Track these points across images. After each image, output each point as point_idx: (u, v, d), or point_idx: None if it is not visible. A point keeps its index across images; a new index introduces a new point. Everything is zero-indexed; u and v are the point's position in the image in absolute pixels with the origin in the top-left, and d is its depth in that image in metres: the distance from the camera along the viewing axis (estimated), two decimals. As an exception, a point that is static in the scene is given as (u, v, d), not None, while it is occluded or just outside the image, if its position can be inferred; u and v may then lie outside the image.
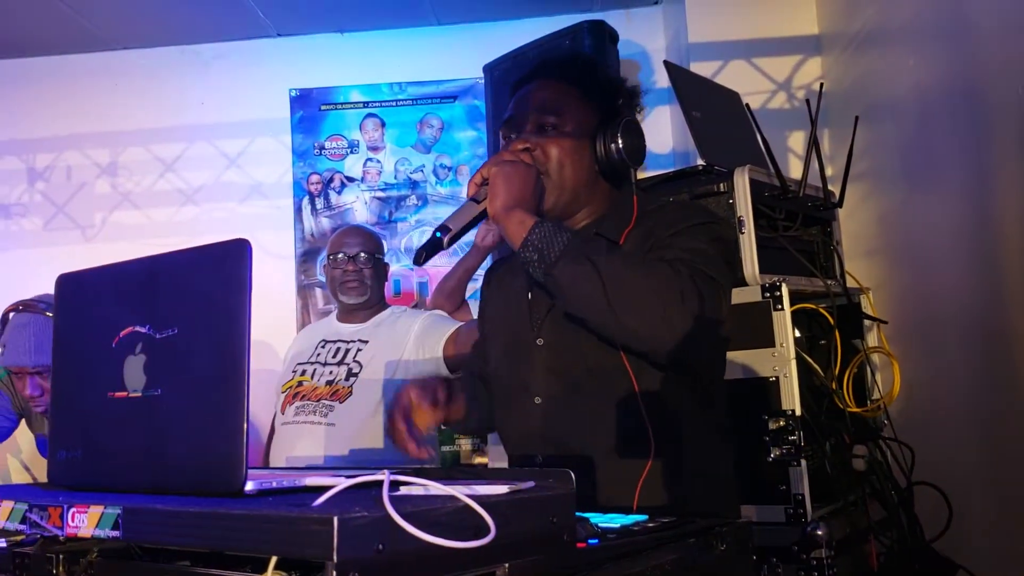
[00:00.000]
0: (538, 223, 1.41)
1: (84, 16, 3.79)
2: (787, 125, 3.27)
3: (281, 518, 0.72)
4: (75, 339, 1.07)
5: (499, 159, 1.49)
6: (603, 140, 1.56)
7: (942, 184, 2.34)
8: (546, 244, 1.39)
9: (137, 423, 0.96)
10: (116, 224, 4.13)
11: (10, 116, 4.19)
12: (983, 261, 2.12)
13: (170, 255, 0.98)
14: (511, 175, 1.45)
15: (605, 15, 3.61)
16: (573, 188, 1.56)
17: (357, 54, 4.07)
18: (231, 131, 4.10)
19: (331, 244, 2.77)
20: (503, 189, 1.44)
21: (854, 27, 2.98)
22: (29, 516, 0.92)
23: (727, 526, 1.13)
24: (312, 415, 2.54)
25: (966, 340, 2.23)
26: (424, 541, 0.72)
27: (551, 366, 1.56)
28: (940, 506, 1.97)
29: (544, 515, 0.88)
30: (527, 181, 1.46)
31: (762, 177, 2.03)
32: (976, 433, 2.18)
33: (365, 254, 2.70)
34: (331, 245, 2.76)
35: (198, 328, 0.92)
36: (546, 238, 1.39)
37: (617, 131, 1.55)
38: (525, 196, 1.45)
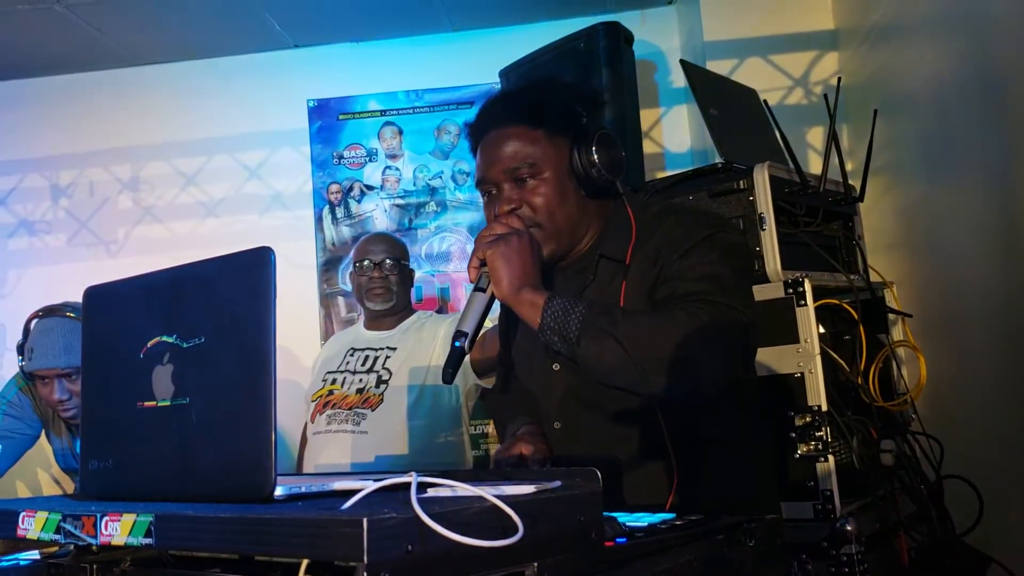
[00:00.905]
0: (549, 301, 1.40)
1: (105, 34, 3.84)
2: (805, 121, 3.26)
3: (311, 521, 0.73)
4: (104, 350, 1.09)
5: (491, 236, 1.46)
6: (581, 166, 1.52)
7: (963, 176, 2.33)
8: (562, 323, 1.38)
9: (166, 432, 0.98)
10: (139, 238, 4.17)
11: (34, 134, 4.24)
12: (1006, 252, 2.11)
13: (195, 265, 1.00)
14: (508, 254, 1.42)
15: (619, 16, 3.61)
16: (569, 228, 1.55)
17: (373, 63, 4.09)
18: (251, 143, 4.13)
19: (357, 251, 2.78)
20: (504, 271, 1.42)
21: (870, 21, 2.97)
22: (63, 526, 0.93)
23: (755, 522, 1.13)
24: (344, 423, 2.56)
25: (991, 331, 2.21)
26: (453, 541, 0.73)
27: (568, 390, 1.56)
28: (971, 499, 1.96)
29: (572, 514, 0.89)
30: (524, 253, 1.44)
31: (782, 173, 2.03)
32: (1005, 425, 2.16)
33: (391, 261, 2.70)
34: (357, 252, 2.77)
35: (224, 336, 0.93)
36: (561, 316, 1.38)
37: (591, 152, 1.52)
38: (528, 271, 1.43)
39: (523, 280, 1.42)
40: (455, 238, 3.96)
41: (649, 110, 3.77)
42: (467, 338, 1.42)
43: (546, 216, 1.52)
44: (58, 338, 2.36)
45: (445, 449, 2.60)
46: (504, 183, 1.53)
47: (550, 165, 1.52)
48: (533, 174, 1.52)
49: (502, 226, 1.47)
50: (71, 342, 2.36)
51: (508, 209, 1.51)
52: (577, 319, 1.37)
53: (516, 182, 1.53)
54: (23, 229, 4.23)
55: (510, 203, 1.52)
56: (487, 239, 1.46)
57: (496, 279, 1.43)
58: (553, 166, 1.53)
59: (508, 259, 1.42)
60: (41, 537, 0.96)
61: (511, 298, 1.42)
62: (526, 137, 1.53)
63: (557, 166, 1.53)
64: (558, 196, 1.52)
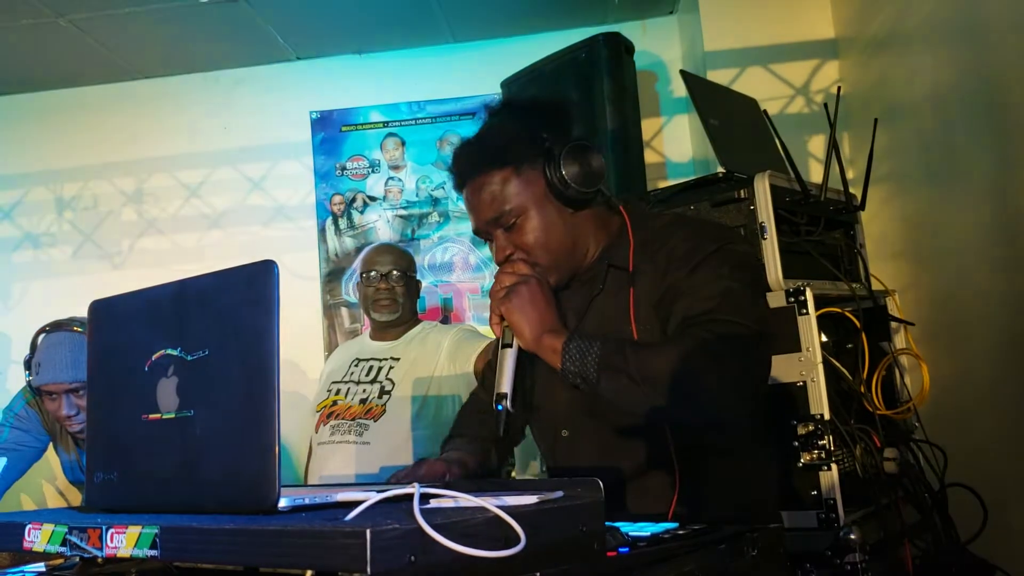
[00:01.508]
0: (567, 345, 1.43)
1: (108, 48, 3.86)
2: (806, 130, 3.27)
3: (315, 532, 0.73)
4: (109, 363, 1.10)
5: (502, 290, 1.51)
6: (556, 187, 1.53)
7: (964, 184, 2.33)
8: (581, 365, 1.42)
9: (171, 444, 0.98)
10: (143, 250, 4.18)
11: (38, 147, 4.27)
12: (1008, 260, 2.11)
13: (199, 278, 1.00)
14: (521, 305, 1.48)
15: (620, 27, 3.63)
16: (566, 253, 1.58)
17: (375, 75, 4.11)
18: (254, 155, 4.15)
19: (363, 262, 2.78)
20: (523, 324, 1.47)
21: (871, 30, 2.98)
22: (69, 538, 0.94)
23: (757, 532, 1.13)
24: (347, 434, 2.56)
25: (994, 339, 2.21)
26: (456, 552, 0.73)
27: (574, 398, 1.56)
28: (974, 508, 1.95)
29: (573, 524, 0.89)
30: (536, 299, 1.49)
31: (783, 182, 2.03)
32: (1008, 433, 2.16)
33: (397, 272, 2.71)
34: (363, 263, 2.77)
35: (228, 349, 0.94)
36: (579, 359, 1.42)
37: (560, 171, 1.51)
38: (543, 316, 1.48)
39: (541, 327, 1.47)
40: (458, 248, 3.97)
41: (650, 120, 3.78)
42: (507, 398, 1.47)
43: (540, 252, 1.55)
44: (65, 353, 2.37)
45: (449, 460, 2.60)
46: (493, 231, 1.57)
47: (528, 200, 1.54)
48: (515, 215, 1.54)
49: (509, 276, 1.52)
50: (78, 357, 2.37)
51: (504, 257, 1.56)
52: (594, 360, 1.41)
53: (503, 228, 1.55)
54: (28, 242, 4.25)
55: (503, 251, 1.56)
56: (499, 294, 1.51)
57: (518, 332, 1.49)
58: (531, 201, 1.54)
59: (523, 310, 1.47)
60: (47, 549, 0.96)
61: (534, 348, 1.48)
62: (496, 181, 1.54)
63: (535, 199, 1.54)
64: (544, 229, 1.55)
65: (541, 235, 1.54)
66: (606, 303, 1.57)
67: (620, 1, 3.70)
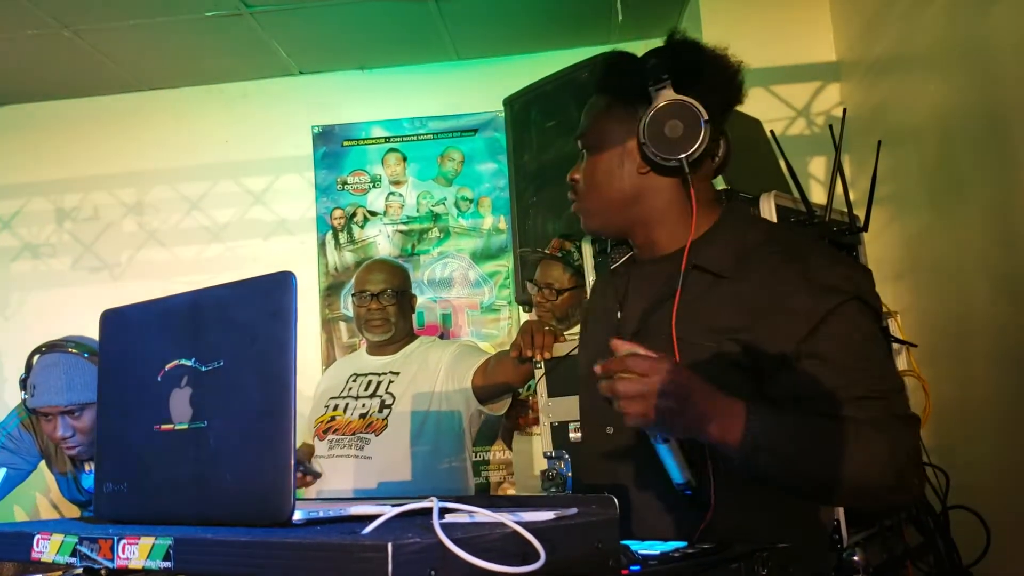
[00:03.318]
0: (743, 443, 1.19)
1: (112, 59, 3.87)
2: (807, 151, 3.28)
3: (335, 546, 0.73)
4: (120, 374, 1.09)
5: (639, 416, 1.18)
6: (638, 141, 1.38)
7: (966, 207, 2.34)
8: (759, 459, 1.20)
9: (184, 455, 0.98)
10: (143, 262, 4.18)
11: (38, 158, 4.27)
12: (1010, 282, 2.12)
13: (214, 289, 1.00)
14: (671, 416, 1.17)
15: (623, 46, 3.62)
16: (623, 206, 1.43)
17: (378, 90, 4.13)
18: (255, 168, 4.16)
19: (356, 281, 2.77)
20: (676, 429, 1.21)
21: (873, 53, 3.00)
22: (79, 549, 0.93)
23: (768, 551, 1.13)
24: (347, 448, 2.55)
25: (996, 361, 2.22)
26: (476, 567, 0.73)
27: None
28: (977, 530, 1.95)
29: (590, 540, 0.89)
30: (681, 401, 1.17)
31: (787, 202, 2.04)
32: (1011, 455, 2.16)
33: (390, 291, 2.68)
34: (356, 282, 2.76)
35: (244, 360, 0.93)
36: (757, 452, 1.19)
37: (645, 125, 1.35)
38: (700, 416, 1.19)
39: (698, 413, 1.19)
40: (457, 264, 3.97)
41: (652, 139, 3.79)
42: (692, 485, 1.27)
43: (586, 191, 1.45)
44: (60, 375, 2.34)
45: (448, 475, 2.59)
46: (583, 151, 1.48)
47: (605, 138, 1.43)
48: (588, 146, 1.45)
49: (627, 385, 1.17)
50: (73, 378, 2.34)
51: (569, 180, 1.47)
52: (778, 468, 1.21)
53: (586, 148, 1.46)
54: (27, 252, 4.24)
55: (574, 173, 1.47)
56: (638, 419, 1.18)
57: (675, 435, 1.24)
58: (609, 139, 1.42)
59: (673, 412, 1.17)
60: (56, 560, 0.95)
61: (708, 435, 1.20)
62: (592, 108, 1.46)
63: (614, 139, 1.41)
64: (604, 172, 1.43)
65: (597, 176, 1.43)
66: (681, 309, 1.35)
67: (623, 21, 3.72)
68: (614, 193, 1.43)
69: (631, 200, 1.43)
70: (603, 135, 1.43)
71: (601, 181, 1.43)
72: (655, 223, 1.44)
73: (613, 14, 3.69)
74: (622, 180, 1.42)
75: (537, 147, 3.07)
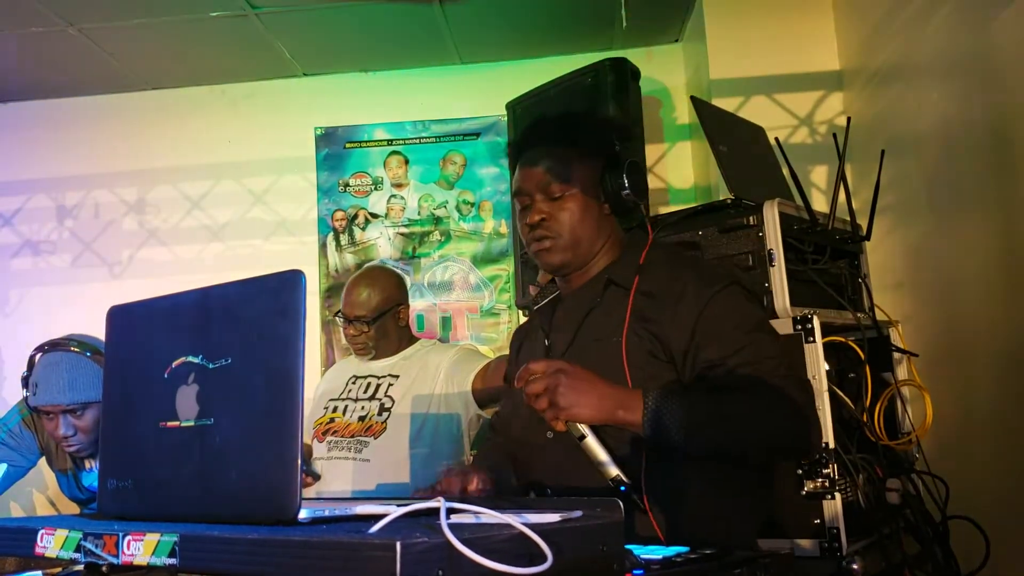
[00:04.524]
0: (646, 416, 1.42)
1: (116, 58, 3.87)
2: (809, 159, 3.29)
3: (343, 544, 0.73)
4: (126, 370, 1.09)
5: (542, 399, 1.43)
6: (611, 188, 1.68)
7: (968, 216, 2.35)
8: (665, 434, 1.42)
9: (189, 452, 0.98)
10: (143, 261, 4.17)
11: (41, 155, 4.26)
12: (1012, 292, 2.12)
13: (222, 286, 1.00)
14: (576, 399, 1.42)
15: (626, 53, 3.64)
16: (587, 242, 1.69)
17: (381, 93, 4.13)
18: (257, 169, 4.15)
19: (342, 296, 2.71)
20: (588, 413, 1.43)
21: (876, 62, 3.01)
22: (84, 544, 0.93)
23: (770, 557, 1.13)
24: (345, 451, 2.55)
25: (997, 371, 2.22)
26: (483, 567, 0.73)
27: None
28: (977, 540, 1.95)
29: (595, 543, 0.89)
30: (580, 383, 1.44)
31: (790, 210, 2.04)
32: (1011, 466, 2.16)
33: (367, 318, 2.62)
34: (342, 297, 2.71)
35: (252, 357, 0.94)
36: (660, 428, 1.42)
37: (622, 176, 1.67)
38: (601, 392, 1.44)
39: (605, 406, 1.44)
40: (458, 267, 3.97)
41: (653, 145, 3.81)
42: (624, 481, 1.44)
43: (568, 229, 1.68)
44: (63, 373, 2.34)
45: (446, 478, 2.59)
46: (537, 195, 1.69)
47: (579, 184, 1.68)
48: (563, 191, 1.68)
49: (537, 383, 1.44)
50: (75, 377, 2.34)
51: (538, 219, 1.67)
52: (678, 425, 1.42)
53: (548, 196, 1.68)
54: (27, 249, 4.23)
55: (540, 214, 1.67)
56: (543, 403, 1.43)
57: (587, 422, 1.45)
58: (582, 185, 1.68)
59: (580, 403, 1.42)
60: (60, 556, 0.95)
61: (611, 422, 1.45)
62: (560, 157, 1.69)
63: (585, 185, 1.69)
64: (581, 212, 1.68)
65: (578, 217, 1.67)
66: (600, 318, 1.64)
67: (626, 28, 3.73)
68: (590, 229, 1.69)
69: (597, 235, 1.71)
70: (582, 179, 1.69)
71: (580, 219, 1.68)
72: (599, 256, 1.72)
73: (617, 21, 3.70)
74: (596, 219, 1.70)
75: (539, 152, 3.06)
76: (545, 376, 1.43)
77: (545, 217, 1.67)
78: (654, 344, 1.55)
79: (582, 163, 1.70)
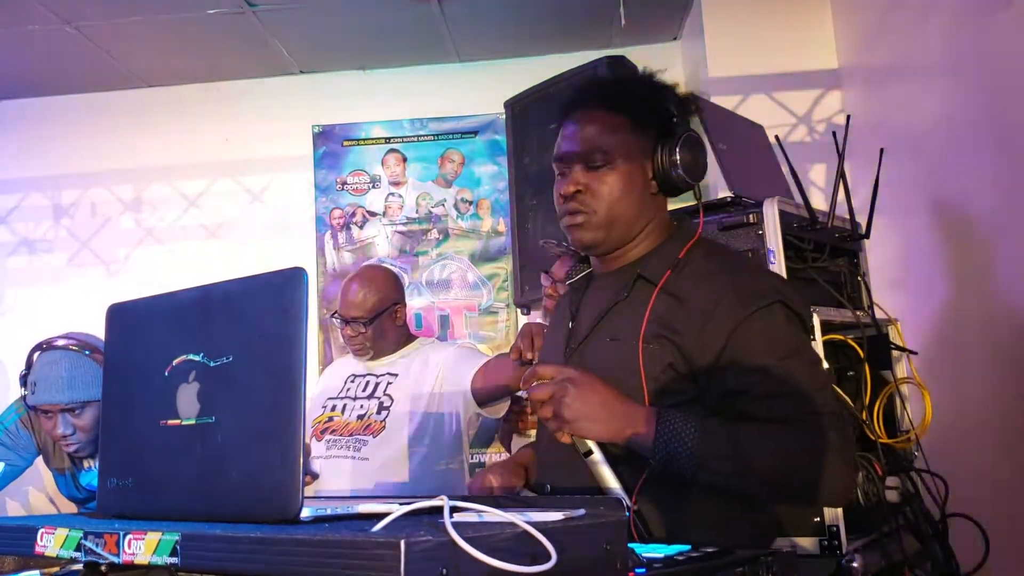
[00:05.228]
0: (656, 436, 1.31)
1: (113, 55, 3.87)
2: (808, 158, 3.28)
3: (347, 543, 0.73)
4: (126, 368, 1.08)
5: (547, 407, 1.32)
6: (662, 164, 1.50)
7: (968, 214, 2.35)
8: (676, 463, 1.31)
9: (190, 451, 0.97)
10: (139, 259, 4.17)
11: (37, 153, 4.26)
12: (1010, 290, 2.12)
13: (223, 283, 1.00)
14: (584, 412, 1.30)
15: (624, 51, 3.65)
16: (624, 223, 1.51)
17: (379, 91, 4.13)
18: (254, 167, 4.15)
19: (338, 295, 2.70)
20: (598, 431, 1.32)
21: (874, 61, 3.01)
22: (84, 543, 0.92)
23: (773, 555, 1.13)
24: (344, 449, 2.54)
25: (996, 370, 2.22)
26: (488, 566, 0.73)
27: None
28: (976, 539, 1.95)
29: (598, 542, 0.88)
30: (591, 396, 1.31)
31: (790, 208, 2.04)
32: (1010, 463, 2.17)
33: (363, 319, 2.60)
34: (339, 297, 2.69)
35: (254, 355, 0.93)
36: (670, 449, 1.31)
37: (675, 152, 1.49)
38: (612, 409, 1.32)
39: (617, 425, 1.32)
40: (456, 266, 3.97)
41: (651, 143, 3.80)
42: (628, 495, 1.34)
43: (605, 205, 1.49)
44: (61, 372, 2.33)
45: (445, 477, 2.58)
46: (576, 164, 1.51)
47: (625, 156, 1.50)
48: (606, 162, 1.49)
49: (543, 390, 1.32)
50: (74, 376, 2.33)
51: (573, 190, 1.50)
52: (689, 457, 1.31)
53: (588, 166, 1.50)
54: (23, 247, 4.23)
55: (576, 185, 1.50)
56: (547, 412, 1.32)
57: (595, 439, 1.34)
58: (628, 158, 1.50)
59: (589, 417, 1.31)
60: (60, 555, 0.95)
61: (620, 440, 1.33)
62: (608, 123, 1.51)
63: (632, 159, 1.50)
64: (623, 188, 1.49)
65: (617, 192, 1.49)
66: (625, 314, 1.50)
67: (624, 26, 3.73)
68: (631, 208, 1.51)
69: (637, 216, 1.52)
70: (626, 151, 1.50)
71: (620, 196, 1.49)
72: (638, 239, 1.55)
73: (615, 19, 3.70)
74: (637, 197, 1.51)
75: (537, 150, 3.07)
76: (552, 383, 1.31)
77: (581, 189, 1.49)
78: (676, 357, 1.40)
79: (633, 132, 1.50)
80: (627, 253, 1.56)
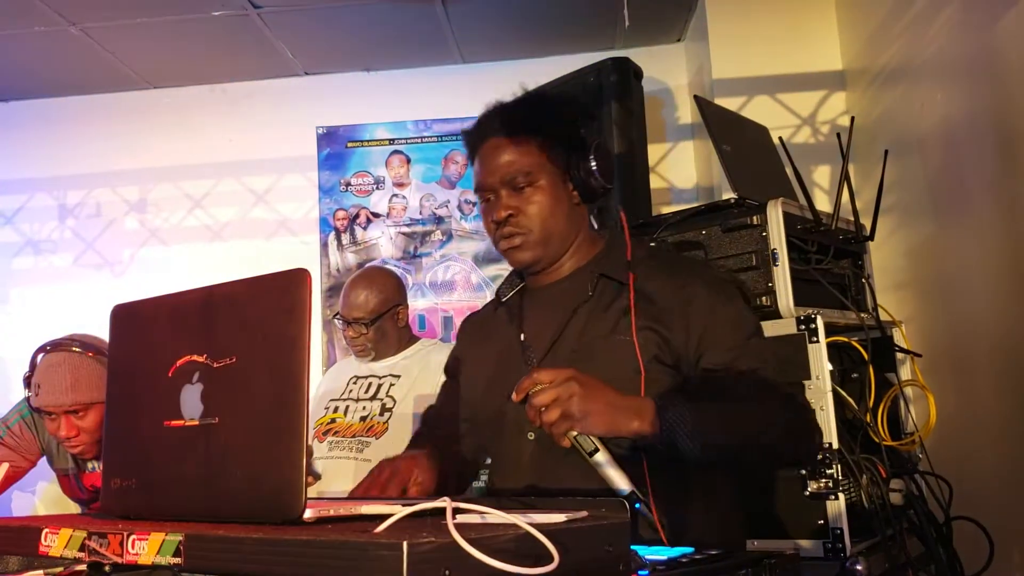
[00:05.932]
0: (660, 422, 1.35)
1: (118, 57, 3.87)
2: (812, 159, 3.28)
3: (350, 544, 0.73)
4: (130, 369, 1.09)
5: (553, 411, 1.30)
6: (579, 174, 1.60)
7: (972, 216, 2.34)
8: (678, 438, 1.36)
9: (194, 451, 0.97)
10: (144, 260, 4.18)
11: (42, 154, 4.26)
12: (1015, 292, 2.12)
13: (228, 284, 1.00)
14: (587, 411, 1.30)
15: (628, 52, 3.65)
16: (559, 236, 1.62)
17: (383, 92, 4.13)
18: (258, 168, 4.15)
19: (341, 297, 2.71)
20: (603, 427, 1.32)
21: (879, 62, 3.00)
22: (87, 543, 0.93)
23: (776, 558, 1.12)
24: (347, 450, 2.54)
25: (1001, 372, 2.22)
26: (491, 568, 0.73)
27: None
28: (980, 541, 1.95)
29: (600, 544, 0.89)
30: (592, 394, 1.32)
31: (794, 210, 2.04)
32: (1015, 466, 2.16)
33: (365, 320, 2.62)
34: (340, 298, 2.71)
35: (257, 356, 0.93)
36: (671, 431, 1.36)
37: (589, 161, 1.60)
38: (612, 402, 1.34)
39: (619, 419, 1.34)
40: (460, 267, 3.97)
41: (656, 145, 3.80)
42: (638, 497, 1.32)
43: (539, 223, 1.59)
44: (65, 374, 2.33)
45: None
46: (501, 190, 1.60)
47: (545, 174, 1.59)
48: (529, 182, 1.58)
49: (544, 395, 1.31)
50: (78, 378, 2.33)
51: (505, 215, 1.58)
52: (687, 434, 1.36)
53: (513, 189, 1.59)
54: (29, 248, 4.24)
55: (507, 209, 1.58)
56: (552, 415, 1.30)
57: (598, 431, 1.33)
58: (548, 175, 1.60)
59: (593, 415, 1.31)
60: (64, 555, 0.95)
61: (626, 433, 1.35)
62: (522, 147, 1.59)
63: (551, 173, 1.60)
64: (551, 204, 1.60)
65: (546, 208, 1.59)
66: (595, 313, 1.58)
67: (628, 27, 3.72)
68: (562, 221, 1.62)
69: (569, 227, 1.63)
70: (545, 168, 1.60)
71: (550, 211, 1.60)
72: (571, 249, 1.66)
73: (619, 20, 3.69)
74: (565, 209, 1.62)
75: (541, 151, 3.05)
76: (555, 386, 1.30)
77: (512, 212, 1.58)
78: (661, 349, 1.51)
79: (546, 150, 1.59)
80: (563, 264, 1.67)
